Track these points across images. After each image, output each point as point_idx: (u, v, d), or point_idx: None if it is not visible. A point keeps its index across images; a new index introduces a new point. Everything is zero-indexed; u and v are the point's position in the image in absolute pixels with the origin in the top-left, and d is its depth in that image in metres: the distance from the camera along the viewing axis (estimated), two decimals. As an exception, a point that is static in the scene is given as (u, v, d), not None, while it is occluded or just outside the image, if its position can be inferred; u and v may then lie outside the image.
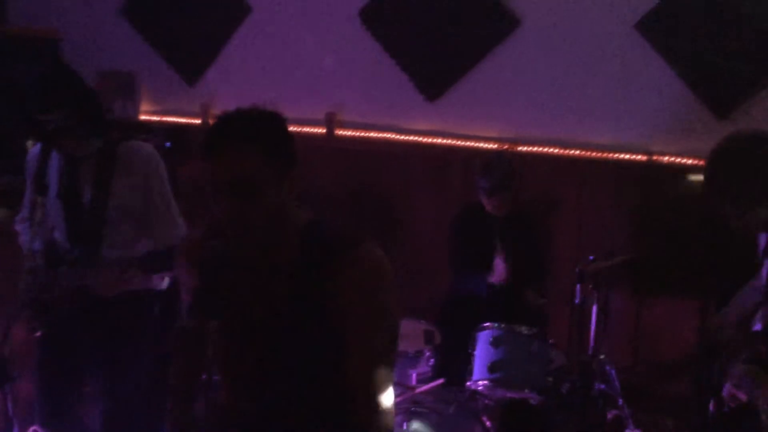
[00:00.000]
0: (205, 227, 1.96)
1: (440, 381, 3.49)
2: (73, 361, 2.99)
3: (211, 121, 5.23)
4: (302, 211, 1.90)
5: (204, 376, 2.05)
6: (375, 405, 1.82)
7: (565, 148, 4.65)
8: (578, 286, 3.76)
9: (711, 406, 2.67)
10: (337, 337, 1.81)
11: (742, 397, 2.50)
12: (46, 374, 3.00)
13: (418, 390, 3.42)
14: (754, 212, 2.49)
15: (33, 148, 3.00)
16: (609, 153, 4.57)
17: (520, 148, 4.71)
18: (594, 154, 4.59)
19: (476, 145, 4.81)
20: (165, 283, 2.96)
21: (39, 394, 3.02)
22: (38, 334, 2.83)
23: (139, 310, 2.99)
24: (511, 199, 4.14)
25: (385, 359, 1.88)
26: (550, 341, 3.69)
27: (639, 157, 4.51)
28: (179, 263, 2.02)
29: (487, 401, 3.55)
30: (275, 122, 1.82)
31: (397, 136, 4.98)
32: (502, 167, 4.08)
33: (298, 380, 1.87)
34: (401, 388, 3.54)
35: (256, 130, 1.77)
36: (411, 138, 4.95)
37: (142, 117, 5.48)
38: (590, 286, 3.88)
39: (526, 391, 3.54)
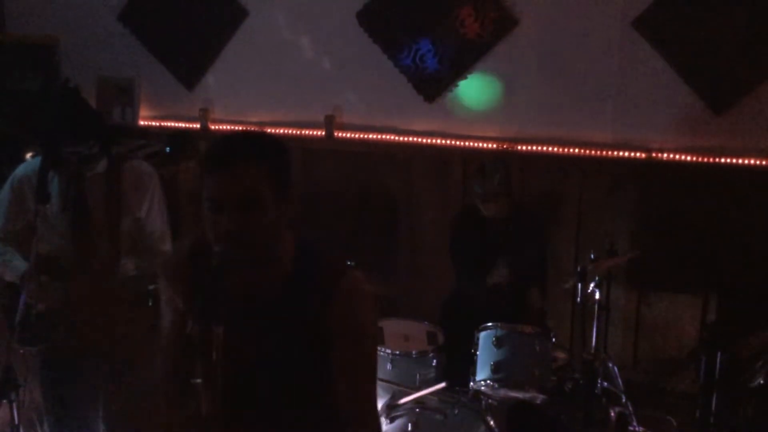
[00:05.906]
0: (189, 244, 1.98)
1: (442, 385, 3.48)
2: (76, 372, 3.02)
3: (210, 126, 5.26)
4: (290, 232, 1.94)
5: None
6: (367, 424, 1.90)
7: (565, 146, 4.66)
8: (579, 284, 3.76)
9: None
10: (326, 358, 1.87)
11: None
12: (52, 388, 3.06)
13: (419, 394, 3.42)
14: None
15: (23, 166, 3.04)
16: (608, 151, 4.58)
17: (519, 147, 4.72)
18: (593, 152, 4.60)
19: (476, 144, 4.82)
20: None
21: (47, 408, 3.08)
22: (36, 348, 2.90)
23: (136, 319, 3.04)
24: (508, 203, 4.12)
25: (373, 379, 1.99)
26: (553, 339, 3.68)
27: (638, 154, 4.53)
28: (163, 278, 2.02)
29: (490, 401, 3.55)
30: (281, 145, 1.88)
31: (397, 137, 4.99)
32: (498, 172, 4.04)
33: (289, 400, 1.91)
34: (404, 389, 3.55)
35: (264, 148, 1.83)
36: (410, 139, 4.96)
37: (142, 122, 5.49)
38: (592, 284, 3.89)
39: (530, 390, 3.53)
